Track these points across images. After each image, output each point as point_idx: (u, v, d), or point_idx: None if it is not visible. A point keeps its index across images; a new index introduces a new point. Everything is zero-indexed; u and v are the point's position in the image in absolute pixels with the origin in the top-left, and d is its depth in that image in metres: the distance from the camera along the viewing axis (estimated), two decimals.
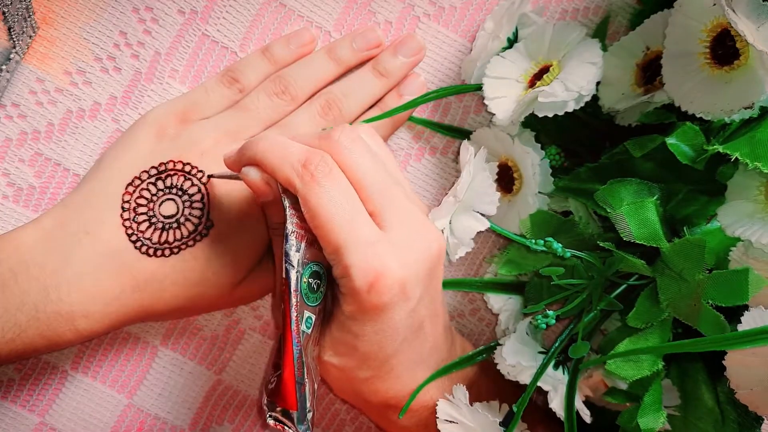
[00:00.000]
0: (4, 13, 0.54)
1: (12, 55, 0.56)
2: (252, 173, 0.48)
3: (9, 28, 0.55)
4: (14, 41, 0.56)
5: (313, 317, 0.49)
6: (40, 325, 0.51)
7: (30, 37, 0.57)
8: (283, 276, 0.47)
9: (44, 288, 0.51)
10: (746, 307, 0.43)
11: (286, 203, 0.47)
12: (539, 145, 0.55)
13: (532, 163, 0.54)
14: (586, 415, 0.51)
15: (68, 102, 0.58)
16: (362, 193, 0.48)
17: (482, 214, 0.52)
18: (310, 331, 0.48)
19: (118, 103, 0.59)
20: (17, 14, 0.55)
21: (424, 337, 0.52)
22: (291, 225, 0.47)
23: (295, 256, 0.47)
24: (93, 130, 0.59)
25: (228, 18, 0.59)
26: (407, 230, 0.48)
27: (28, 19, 0.56)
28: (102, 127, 0.59)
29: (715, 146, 0.44)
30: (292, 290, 0.46)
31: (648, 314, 0.48)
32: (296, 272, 0.47)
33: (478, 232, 0.52)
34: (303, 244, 0.47)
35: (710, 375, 0.50)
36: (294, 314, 0.46)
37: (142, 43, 0.58)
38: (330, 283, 0.50)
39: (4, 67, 0.56)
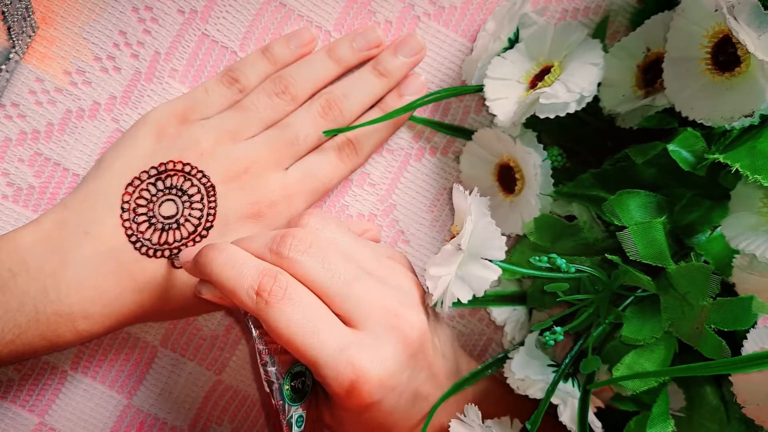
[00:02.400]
0: (3, 12, 0.54)
1: (11, 55, 0.56)
2: (206, 292, 0.50)
3: (8, 28, 0.55)
4: (14, 41, 0.55)
5: (304, 413, 0.50)
6: (40, 326, 0.51)
7: (29, 36, 0.57)
8: (267, 390, 0.48)
9: (44, 289, 0.51)
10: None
11: (251, 324, 0.48)
12: (541, 145, 0.55)
13: (534, 164, 0.54)
14: (597, 428, 0.50)
15: (68, 102, 0.58)
16: (325, 300, 0.48)
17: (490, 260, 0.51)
18: (302, 427, 0.50)
19: (118, 103, 0.59)
20: (17, 14, 0.55)
21: (424, 399, 0.52)
22: (260, 343, 0.48)
23: (272, 371, 0.48)
24: (93, 130, 0.59)
25: (228, 18, 0.59)
26: (379, 324, 0.48)
27: (28, 18, 0.56)
28: (102, 126, 0.59)
29: (715, 155, 0.44)
30: (276, 401, 0.48)
31: (642, 331, 0.48)
32: (277, 385, 0.48)
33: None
34: (276, 357, 0.48)
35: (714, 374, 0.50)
36: (284, 423, 0.48)
37: (141, 42, 0.58)
38: None
39: (3, 66, 0.56)
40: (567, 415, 0.50)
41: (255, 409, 0.62)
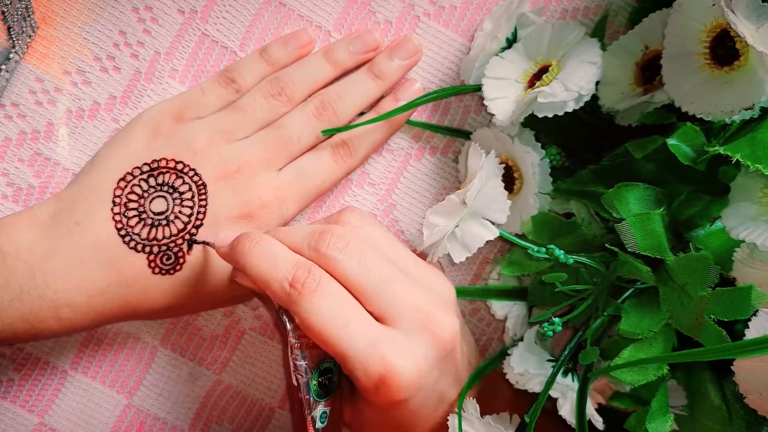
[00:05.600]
0: (3, 12, 0.54)
1: (11, 55, 0.56)
2: (240, 278, 0.51)
3: (8, 28, 0.55)
4: (14, 41, 0.56)
5: (328, 410, 0.50)
6: (23, 307, 0.52)
7: (29, 36, 0.57)
8: (294, 383, 0.48)
9: (31, 271, 0.52)
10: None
11: (285, 317, 0.49)
12: (539, 144, 0.55)
13: (532, 163, 0.54)
14: (598, 422, 0.50)
15: (68, 102, 0.58)
16: (359, 297, 0.49)
17: (491, 222, 0.52)
18: (325, 424, 0.50)
19: (118, 103, 0.59)
20: (17, 14, 0.55)
21: (446, 403, 0.52)
22: (293, 336, 0.48)
23: (302, 365, 0.48)
24: (92, 130, 0.59)
25: (228, 17, 0.59)
26: (412, 324, 0.48)
27: (28, 18, 0.56)
28: (101, 126, 0.59)
29: (715, 147, 0.44)
30: (303, 396, 0.48)
31: (640, 324, 0.48)
32: (305, 380, 0.48)
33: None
34: (307, 352, 0.49)
35: (715, 373, 0.50)
36: (308, 417, 0.48)
37: (141, 42, 0.58)
38: None
39: (3, 66, 0.56)
40: (566, 408, 0.50)
41: (255, 409, 0.62)
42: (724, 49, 0.45)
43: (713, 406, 0.49)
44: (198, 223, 0.55)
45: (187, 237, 0.54)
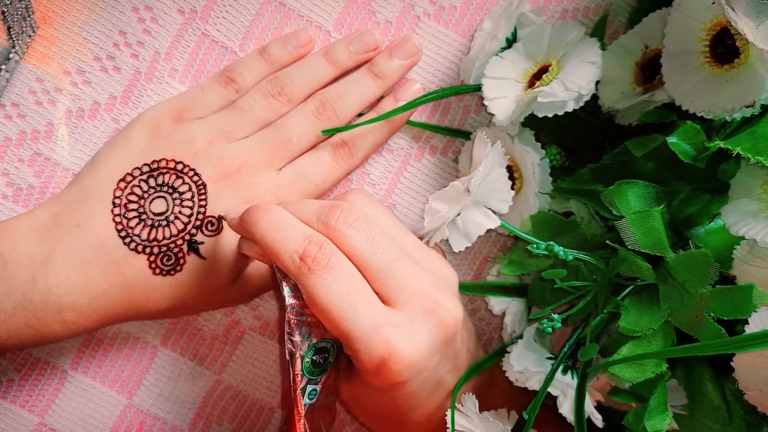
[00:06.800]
0: (3, 12, 0.54)
1: (11, 55, 0.56)
2: (247, 249, 0.51)
3: (8, 28, 0.55)
4: (13, 41, 0.56)
5: (318, 388, 0.50)
6: (27, 313, 0.52)
7: (29, 36, 0.57)
8: (287, 357, 0.48)
9: (33, 276, 0.52)
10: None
11: (286, 290, 0.48)
12: (539, 144, 0.55)
13: (532, 163, 0.54)
14: (598, 420, 0.50)
15: (68, 102, 0.58)
16: (366, 275, 0.48)
17: (493, 211, 0.52)
18: (314, 400, 0.50)
19: (118, 103, 0.59)
20: (17, 14, 0.55)
21: (444, 389, 0.52)
22: (291, 312, 0.48)
23: (296, 340, 0.48)
24: (92, 130, 0.59)
25: (228, 17, 0.59)
26: (416, 307, 0.48)
27: (28, 18, 0.56)
28: (101, 126, 0.59)
29: (716, 143, 0.44)
30: (294, 372, 0.48)
31: (639, 321, 0.48)
32: (298, 355, 0.48)
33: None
34: (304, 328, 0.48)
35: (716, 373, 0.50)
36: (298, 392, 0.48)
37: (141, 42, 0.58)
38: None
39: (3, 66, 0.56)
40: (566, 406, 0.50)
41: (255, 409, 0.62)
42: (724, 47, 0.45)
43: (713, 406, 0.49)
44: (198, 223, 0.55)
45: (187, 238, 0.54)
